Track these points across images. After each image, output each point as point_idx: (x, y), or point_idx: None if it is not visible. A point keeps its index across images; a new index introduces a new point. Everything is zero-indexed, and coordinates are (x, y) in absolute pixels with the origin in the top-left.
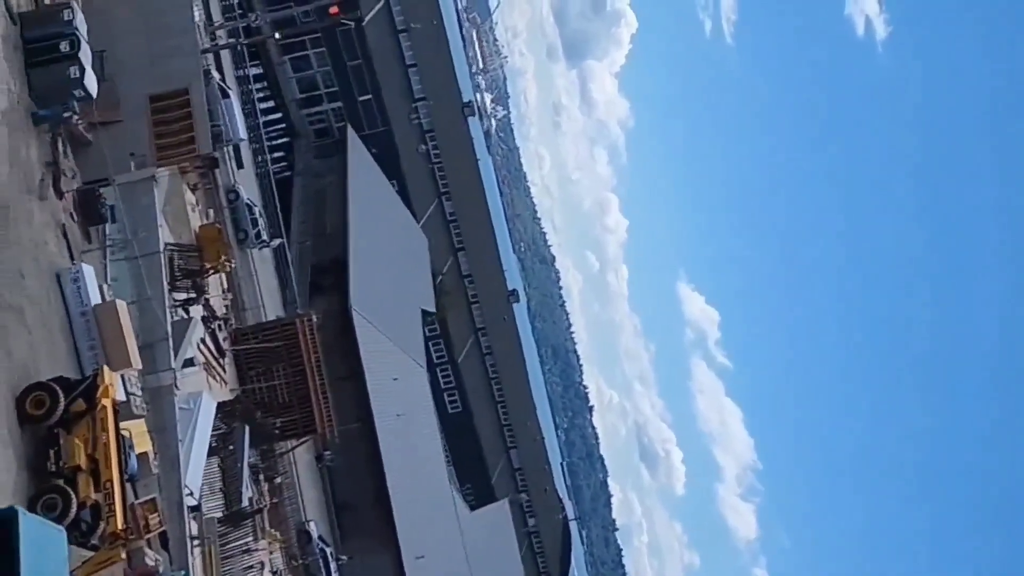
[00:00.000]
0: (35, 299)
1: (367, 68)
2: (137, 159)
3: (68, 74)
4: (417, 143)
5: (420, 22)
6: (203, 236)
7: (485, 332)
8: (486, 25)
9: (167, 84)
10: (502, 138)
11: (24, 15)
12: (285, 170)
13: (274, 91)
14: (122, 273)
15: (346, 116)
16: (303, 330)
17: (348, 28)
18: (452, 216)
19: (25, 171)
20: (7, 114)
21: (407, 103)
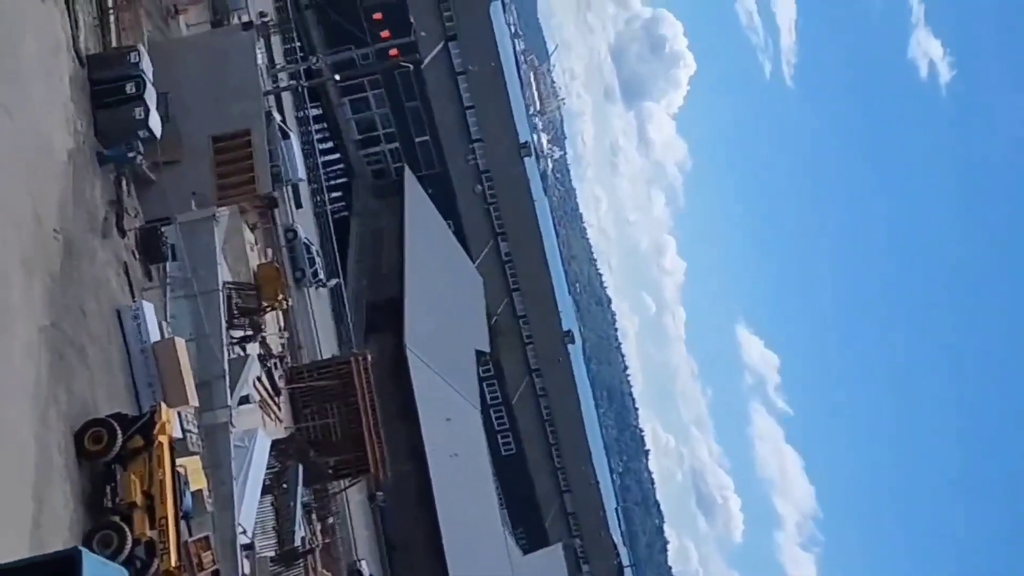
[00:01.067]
0: (96, 336)
1: (425, 110)
2: (198, 198)
3: (133, 115)
4: (473, 184)
5: (478, 64)
6: (261, 275)
7: (540, 373)
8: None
9: (229, 125)
10: (559, 179)
11: (92, 57)
12: (343, 210)
13: (333, 132)
14: (181, 311)
15: (403, 157)
16: (358, 369)
17: (407, 70)
18: (507, 256)
19: (89, 210)
20: (73, 154)
21: (464, 144)
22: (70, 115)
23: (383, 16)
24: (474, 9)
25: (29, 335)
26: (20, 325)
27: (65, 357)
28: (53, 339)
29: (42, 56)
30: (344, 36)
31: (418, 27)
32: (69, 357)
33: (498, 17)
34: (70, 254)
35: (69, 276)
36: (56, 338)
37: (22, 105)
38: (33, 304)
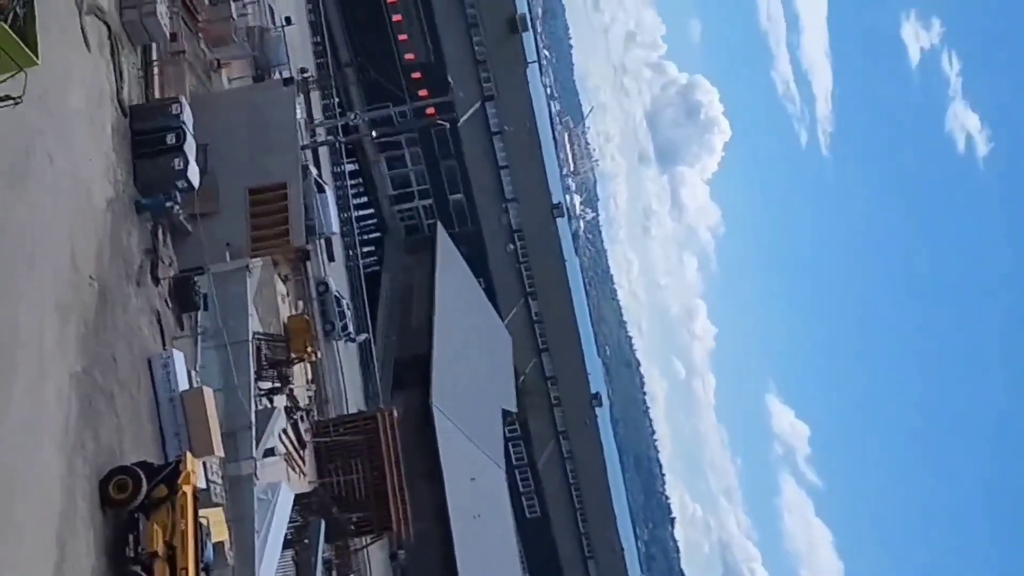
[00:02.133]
0: (126, 383)
1: (460, 168)
2: (232, 249)
3: (172, 165)
4: (505, 242)
5: (514, 125)
6: (291, 326)
7: (566, 436)
8: (579, 129)
9: (266, 178)
10: (590, 240)
11: (135, 108)
12: (374, 264)
13: (368, 187)
14: (210, 360)
15: (437, 214)
16: (384, 425)
17: (443, 129)
18: (537, 316)
19: (125, 258)
20: (112, 202)
21: (497, 203)
22: (111, 164)
23: (422, 75)
24: (511, 71)
25: (60, 381)
26: (53, 370)
27: (94, 404)
28: (83, 385)
29: (86, 105)
30: (382, 94)
31: (456, 87)
32: (98, 404)
33: (535, 79)
34: (104, 301)
35: (102, 323)
36: (86, 384)
37: (64, 153)
38: (66, 350)
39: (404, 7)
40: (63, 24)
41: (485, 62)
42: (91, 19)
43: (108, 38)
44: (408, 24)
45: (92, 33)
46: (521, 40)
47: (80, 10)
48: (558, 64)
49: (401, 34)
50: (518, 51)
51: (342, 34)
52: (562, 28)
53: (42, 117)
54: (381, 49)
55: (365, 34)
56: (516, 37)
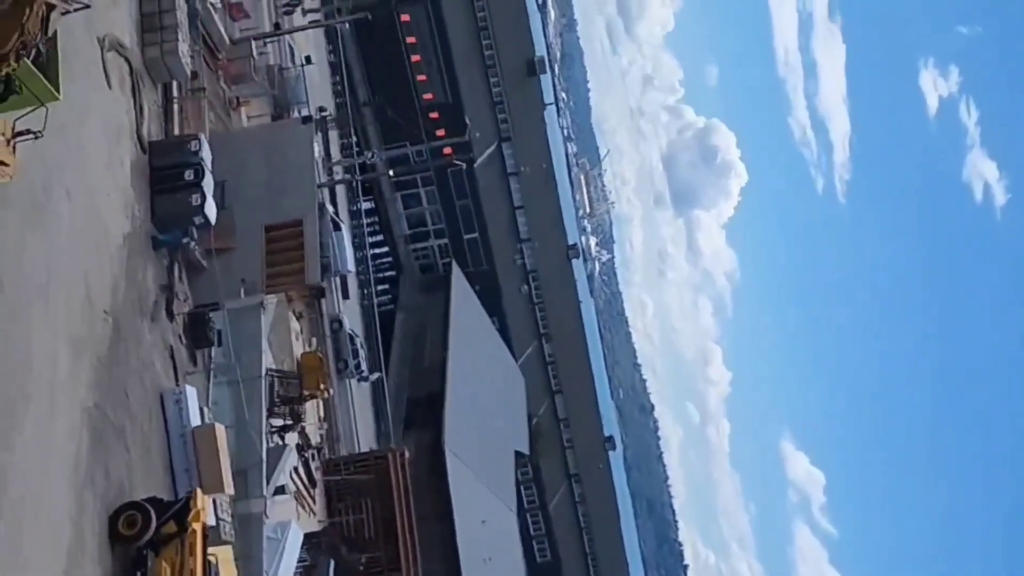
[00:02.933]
0: (137, 419)
1: (475, 208)
2: (247, 285)
3: (190, 201)
4: (520, 283)
5: (530, 166)
6: (304, 364)
7: (579, 479)
8: (595, 171)
9: (282, 215)
10: (605, 282)
11: (154, 144)
12: (389, 303)
13: (384, 226)
14: (223, 397)
15: (452, 253)
16: (395, 465)
17: (460, 168)
18: (551, 358)
19: (140, 293)
20: (129, 237)
21: (512, 243)
22: (128, 199)
23: (440, 115)
24: (529, 112)
25: (72, 415)
26: (65, 405)
27: (105, 438)
28: (95, 420)
29: (106, 141)
30: (400, 133)
31: (473, 128)
32: (109, 439)
33: (552, 120)
34: (118, 336)
35: (116, 358)
36: (98, 419)
37: (82, 188)
38: (79, 384)
39: (423, 48)
40: (85, 60)
41: (503, 103)
42: (113, 56)
43: (129, 75)
44: (427, 65)
45: (113, 70)
46: (539, 82)
47: (102, 47)
48: (575, 106)
49: (420, 75)
50: (535, 93)
51: (361, 74)
52: (580, 71)
53: (61, 152)
54: (400, 89)
55: (384, 74)
56: (534, 79)
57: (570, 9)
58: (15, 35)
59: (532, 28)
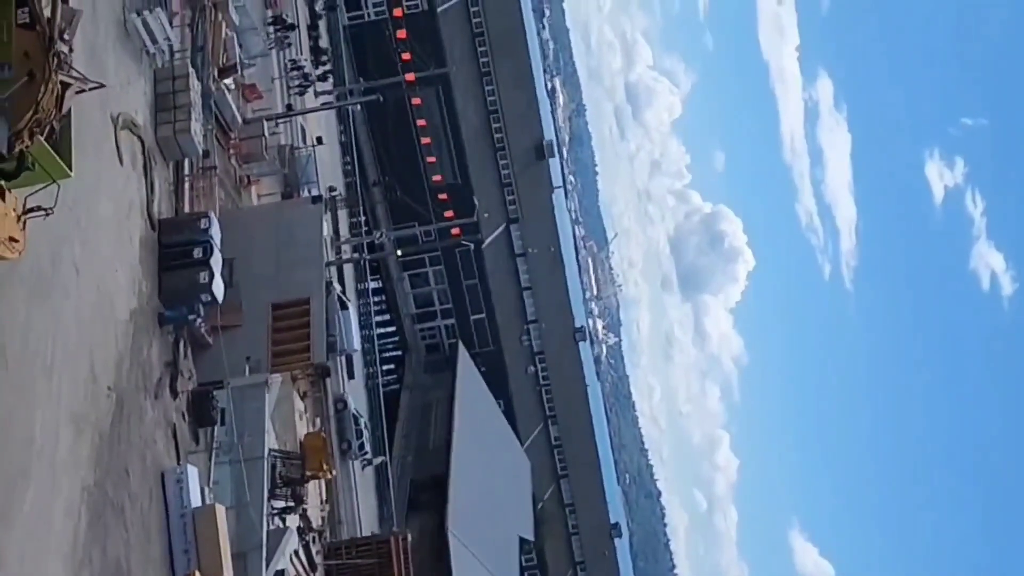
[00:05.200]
0: (137, 497)
1: (482, 288)
2: (252, 363)
3: (198, 279)
4: (526, 364)
5: (538, 247)
6: (308, 444)
7: (584, 567)
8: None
9: (290, 293)
10: (612, 365)
11: (164, 221)
12: (394, 383)
13: (391, 305)
14: (224, 477)
15: (458, 333)
16: (397, 550)
17: (468, 249)
18: (557, 441)
19: (144, 370)
20: (135, 314)
21: (519, 324)
22: (136, 276)
23: (448, 196)
24: (537, 194)
25: (71, 493)
26: (64, 482)
27: (104, 517)
28: (94, 498)
29: (115, 217)
30: (409, 213)
31: (481, 208)
32: (108, 517)
33: (560, 203)
34: (121, 412)
35: (117, 435)
36: (97, 497)
37: (90, 263)
38: (79, 462)
39: (433, 130)
40: (98, 138)
41: (511, 185)
42: (126, 134)
43: (142, 152)
44: (437, 147)
45: (126, 147)
46: (547, 165)
47: (115, 125)
48: (583, 189)
49: (430, 156)
50: (544, 176)
51: (372, 154)
52: (588, 154)
53: (71, 227)
54: (410, 170)
55: (394, 155)
56: (542, 162)
57: (579, 94)
58: (30, 112)
59: (541, 112)
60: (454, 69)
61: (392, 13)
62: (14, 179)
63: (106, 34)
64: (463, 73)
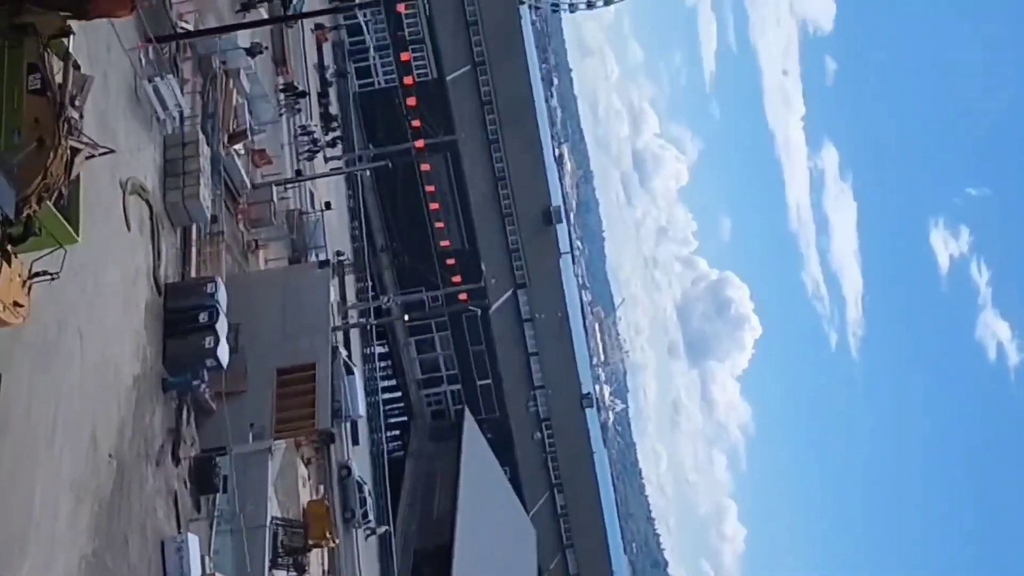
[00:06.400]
0: (135, 566)
1: (489, 354)
2: (256, 430)
3: (203, 344)
4: (533, 431)
5: (545, 313)
6: (310, 512)
7: None
8: (609, 319)
9: (295, 358)
10: (619, 432)
11: (170, 286)
12: (399, 449)
13: (396, 370)
14: (225, 545)
15: (464, 399)
16: None
17: (475, 315)
18: (563, 510)
19: (146, 437)
20: (138, 380)
21: (526, 390)
22: (140, 341)
23: (456, 262)
24: (544, 260)
25: (70, 563)
26: (62, 553)
27: None
28: (93, 568)
29: (121, 283)
30: (416, 278)
31: (489, 274)
32: None
33: (567, 268)
34: (121, 480)
35: (117, 503)
36: (96, 568)
37: (95, 329)
38: (78, 530)
39: (442, 196)
40: (106, 203)
41: (518, 251)
42: (134, 199)
43: (149, 218)
44: (445, 212)
45: (134, 213)
46: (555, 231)
47: (124, 191)
48: (590, 255)
49: (438, 222)
50: (551, 241)
51: (380, 220)
52: (595, 221)
53: (77, 293)
54: (417, 235)
55: (403, 220)
56: (550, 228)
57: (586, 161)
58: (39, 178)
59: (549, 179)
60: (463, 136)
61: (402, 81)
62: (21, 244)
63: (117, 100)
64: (472, 140)
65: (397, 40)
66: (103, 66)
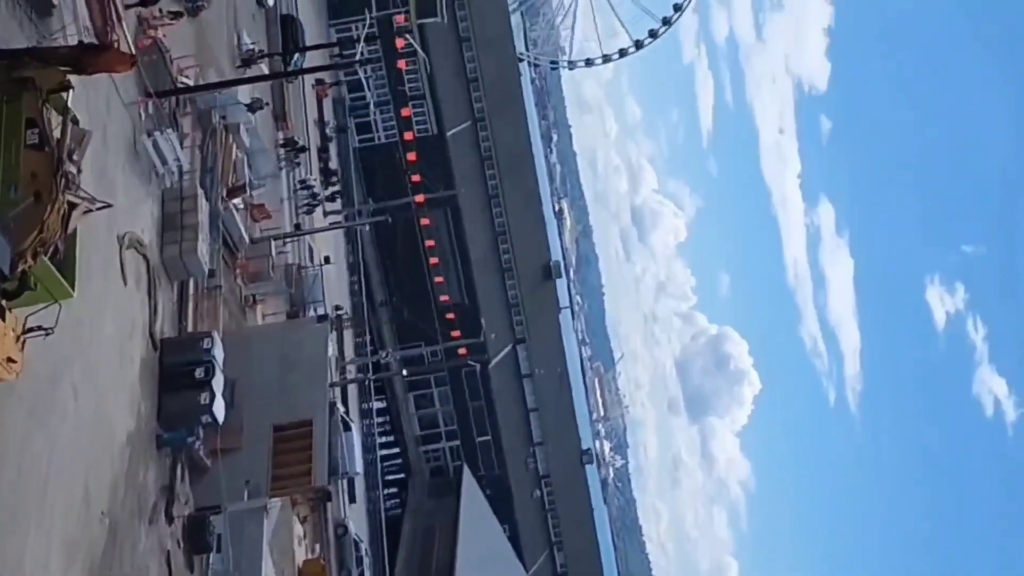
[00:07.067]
0: None
1: (488, 410)
2: (251, 487)
3: (198, 400)
4: (532, 488)
5: (544, 368)
6: (306, 572)
7: None
8: (609, 375)
9: (292, 415)
10: (619, 488)
11: (166, 341)
12: (396, 507)
13: (395, 426)
14: None
15: (463, 456)
16: None
17: (474, 370)
18: (563, 568)
19: (140, 494)
20: (132, 436)
21: (525, 447)
22: (135, 397)
23: (455, 316)
24: (543, 315)
25: None
26: None
27: None
28: None
29: (117, 338)
30: (415, 333)
31: (488, 329)
32: None
33: (567, 324)
34: (114, 539)
35: (109, 563)
36: None
37: (89, 384)
38: None
39: (441, 251)
40: (103, 257)
41: (518, 306)
42: (131, 253)
43: (146, 272)
44: (444, 267)
45: (131, 267)
46: (554, 286)
47: (121, 245)
48: (590, 310)
49: (437, 276)
50: (551, 296)
51: (379, 274)
52: (595, 276)
53: (71, 348)
54: (417, 290)
55: (402, 275)
56: (549, 283)
57: (586, 216)
58: (35, 233)
59: (548, 234)
60: (463, 191)
61: (403, 136)
62: (15, 299)
63: (116, 154)
64: (471, 195)
65: (398, 96)
66: (102, 120)
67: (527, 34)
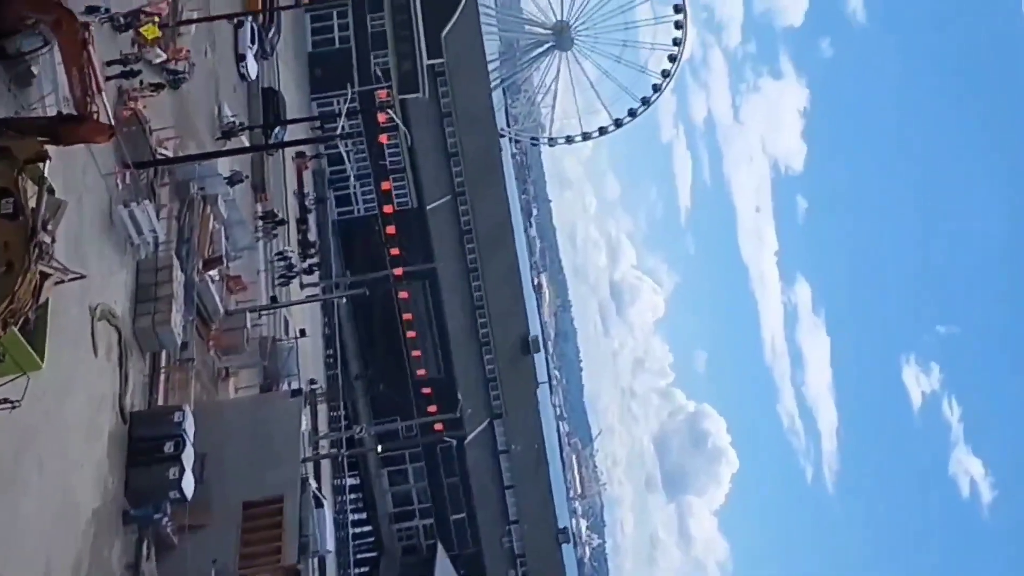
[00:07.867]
0: None
1: (463, 486)
2: (219, 567)
3: (167, 475)
4: (507, 568)
5: (521, 444)
6: None
7: None
8: (587, 451)
9: (263, 491)
10: (596, 568)
11: (136, 414)
12: None
13: (368, 503)
14: None
15: (437, 534)
16: None
17: (449, 445)
18: None
19: (104, 572)
20: (98, 512)
21: (501, 525)
22: (102, 471)
23: (432, 391)
24: (521, 390)
25: None
26: None
27: None
28: None
29: (87, 410)
30: (391, 407)
31: (465, 404)
32: None
33: (544, 398)
34: None
35: None
36: None
37: (55, 458)
38: None
39: (419, 324)
40: (74, 329)
41: (495, 380)
42: (103, 325)
43: (118, 343)
44: (421, 340)
45: (102, 338)
46: (532, 361)
47: (93, 316)
48: (568, 384)
49: (415, 350)
50: (529, 371)
51: (355, 347)
52: (573, 350)
53: (39, 420)
54: (393, 363)
55: (378, 348)
56: (528, 357)
57: (565, 291)
58: (5, 303)
59: (527, 308)
60: (441, 264)
61: (382, 209)
62: None
63: (91, 225)
64: (450, 268)
65: (378, 169)
66: (78, 190)
67: (508, 110)
